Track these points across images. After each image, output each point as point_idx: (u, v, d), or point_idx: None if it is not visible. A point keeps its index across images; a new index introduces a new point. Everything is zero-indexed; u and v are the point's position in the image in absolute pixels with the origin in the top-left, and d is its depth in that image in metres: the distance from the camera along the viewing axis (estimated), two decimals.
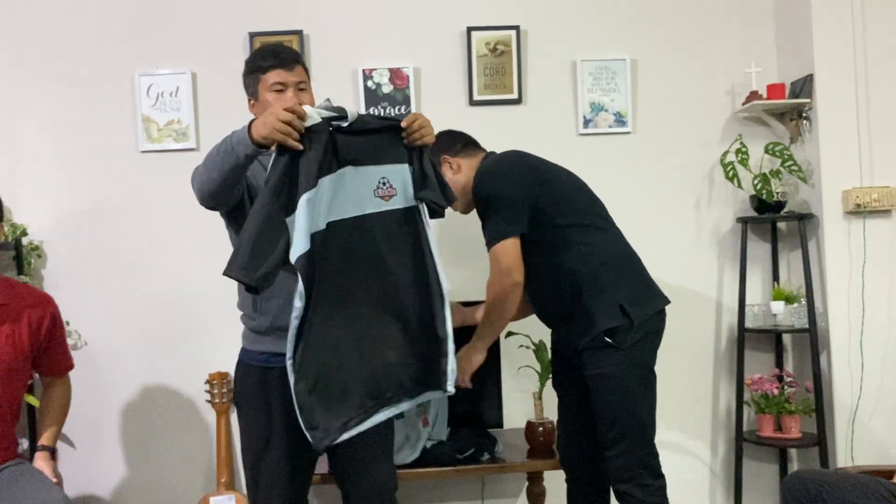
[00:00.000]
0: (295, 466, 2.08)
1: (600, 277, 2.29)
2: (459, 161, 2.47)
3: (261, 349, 2.08)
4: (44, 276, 2.98)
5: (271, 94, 2.08)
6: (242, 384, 2.13)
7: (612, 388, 2.26)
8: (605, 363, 2.26)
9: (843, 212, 2.94)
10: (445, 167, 2.45)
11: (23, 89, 2.99)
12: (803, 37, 3.00)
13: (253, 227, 1.74)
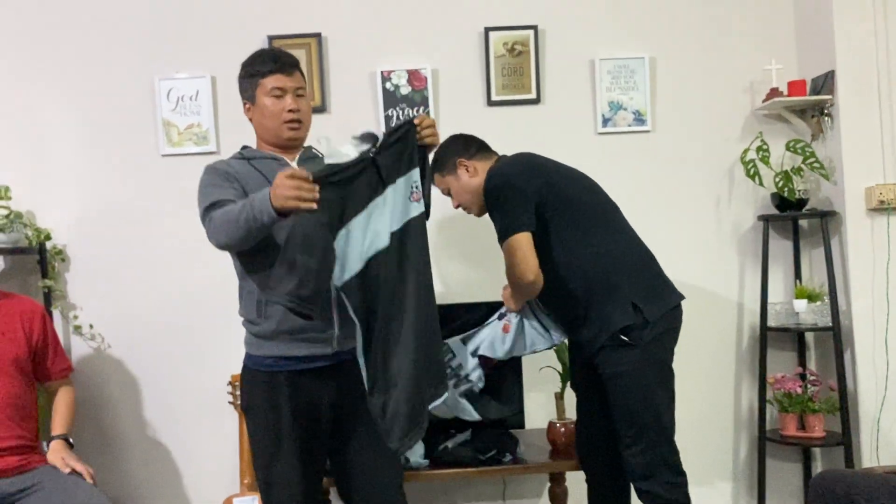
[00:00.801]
0: (306, 469, 2.08)
1: (612, 277, 2.29)
2: (475, 164, 2.47)
3: (266, 353, 2.08)
4: (67, 279, 3.01)
5: (269, 99, 2.11)
6: (250, 390, 2.13)
7: (630, 386, 2.26)
8: (622, 361, 2.25)
9: (867, 209, 2.92)
10: (461, 170, 2.46)
11: (45, 95, 3.02)
12: (824, 32, 2.97)
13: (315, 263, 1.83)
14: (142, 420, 3.04)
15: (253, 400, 2.11)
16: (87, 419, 2.99)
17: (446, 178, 2.50)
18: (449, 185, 2.51)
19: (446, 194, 2.55)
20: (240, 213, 1.88)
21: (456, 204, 2.54)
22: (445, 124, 3.06)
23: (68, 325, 2.99)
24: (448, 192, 2.54)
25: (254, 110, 2.16)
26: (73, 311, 3.00)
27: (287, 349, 2.04)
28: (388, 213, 1.97)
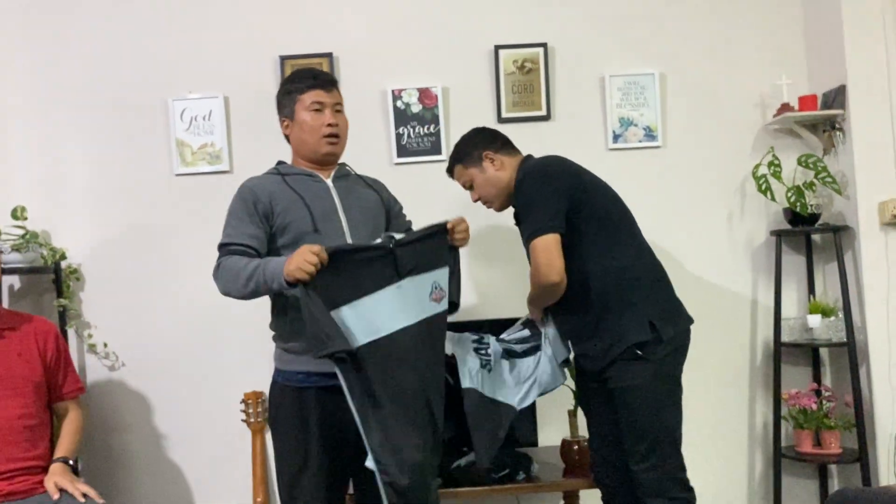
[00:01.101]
0: (330, 486, 2.10)
1: (630, 293, 2.28)
2: (502, 158, 2.44)
3: (297, 369, 2.11)
4: (82, 298, 3.03)
5: (309, 114, 2.16)
6: (279, 405, 2.16)
7: (641, 401, 2.24)
8: (634, 375, 2.24)
9: (880, 223, 2.90)
10: (487, 163, 2.44)
11: (60, 116, 3.06)
12: (835, 47, 2.97)
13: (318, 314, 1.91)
14: (154, 439, 3.05)
15: (281, 414, 2.13)
16: (99, 438, 3.01)
17: (469, 171, 2.47)
18: (472, 178, 2.47)
19: (467, 187, 2.52)
20: (251, 275, 1.99)
21: (476, 197, 2.51)
22: (456, 141, 3.08)
23: (83, 343, 3.01)
24: (469, 186, 2.50)
25: (292, 126, 2.21)
26: (88, 330, 3.02)
27: (317, 365, 2.04)
28: (398, 306, 2.01)
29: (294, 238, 2.08)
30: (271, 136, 3.04)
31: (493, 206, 2.50)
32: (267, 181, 2.18)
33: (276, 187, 2.15)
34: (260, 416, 2.93)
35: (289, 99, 2.20)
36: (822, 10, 3.05)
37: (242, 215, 2.11)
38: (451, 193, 3.04)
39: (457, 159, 2.50)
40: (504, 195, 2.44)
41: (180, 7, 3.07)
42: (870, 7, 2.92)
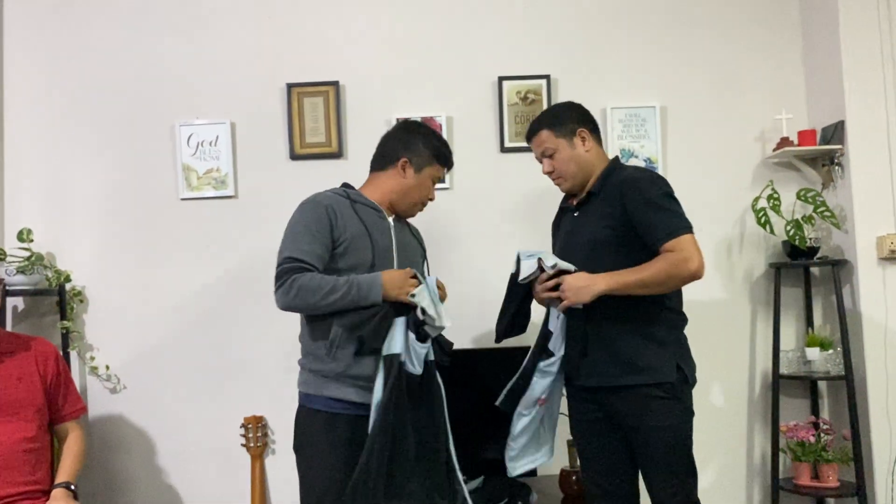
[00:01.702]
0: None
1: (671, 333, 2.28)
2: (593, 141, 2.36)
3: (328, 395, 2.13)
4: (85, 320, 3.05)
5: (428, 181, 2.33)
6: (307, 429, 2.17)
7: (675, 440, 2.22)
8: (668, 414, 2.21)
9: (878, 258, 2.93)
10: (578, 140, 2.33)
11: (66, 139, 3.09)
12: (834, 83, 3.02)
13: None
14: (154, 462, 3.05)
15: (309, 439, 2.15)
16: (99, 461, 3.01)
17: (558, 140, 2.33)
18: (557, 148, 2.33)
19: (546, 155, 2.36)
20: (345, 293, 2.06)
21: (551, 169, 2.37)
22: (459, 170, 3.11)
23: (84, 366, 3.02)
24: (549, 154, 2.36)
25: (410, 174, 2.29)
26: (90, 353, 3.03)
27: (347, 393, 2.11)
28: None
29: (349, 266, 2.14)
30: (277, 163, 3.11)
31: (565, 184, 2.38)
32: (340, 204, 2.21)
33: (347, 212, 2.20)
34: (259, 441, 2.94)
35: (426, 156, 2.30)
36: (821, 47, 3.10)
37: (316, 234, 2.13)
38: (454, 222, 3.08)
39: (548, 124, 2.35)
40: (580, 177, 2.34)
41: (188, 34, 3.12)
42: (868, 45, 2.97)
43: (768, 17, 3.21)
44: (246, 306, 3.04)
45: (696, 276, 2.15)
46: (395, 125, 2.47)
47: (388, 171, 2.31)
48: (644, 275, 2.15)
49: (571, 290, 2.16)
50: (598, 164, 2.36)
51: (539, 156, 2.40)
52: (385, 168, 2.31)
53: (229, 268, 3.07)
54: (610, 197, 2.27)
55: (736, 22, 3.20)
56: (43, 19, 3.10)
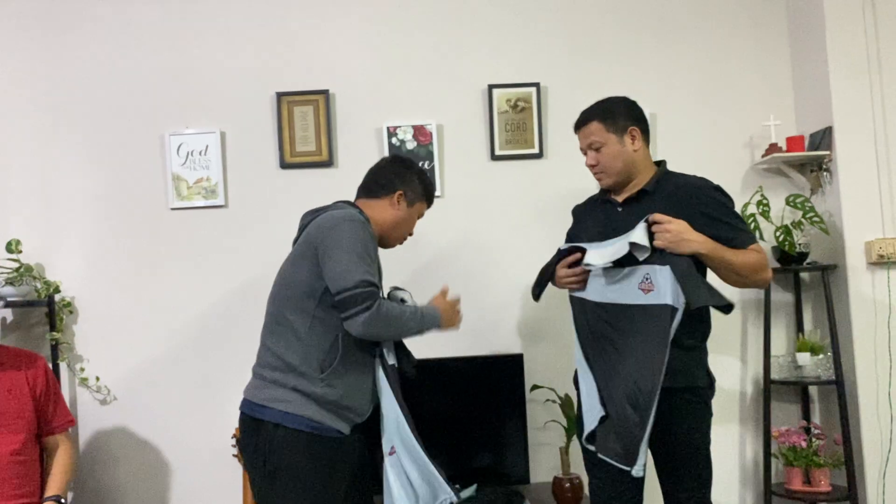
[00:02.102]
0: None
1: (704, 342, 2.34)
2: (642, 141, 2.34)
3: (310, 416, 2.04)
4: (75, 331, 3.03)
5: (414, 218, 2.37)
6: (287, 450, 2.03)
7: (701, 443, 2.27)
8: (697, 419, 2.27)
9: (867, 263, 2.94)
10: (628, 137, 2.30)
11: (56, 149, 3.08)
12: (821, 89, 3.04)
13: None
14: (145, 473, 3.03)
15: (291, 461, 2.03)
16: (89, 472, 2.99)
17: (609, 134, 2.30)
18: (606, 142, 2.30)
19: (592, 148, 2.33)
20: (416, 325, 2.15)
21: (595, 162, 2.33)
22: (450, 178, 3.13)
23: (74, 377, 3.00)
24: (595, 147, 2.32)
25: (402, 207, 2.30)
26: (80, 364, 3.01)
27: (335, 422, 2.06)
28: None
29: None
30: (267, 172, 3.11)
31: (607, 179, 2.34)
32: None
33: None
34: None
35: (419, 192, 2.33)
36: (809, 54, 3.12)
37: (373, 256, 2.12)
38: (444, 230, 3.08)
39: (601, 116, 2.32)
40: (623, 176, 2.31)
41: (178, 43, 3.12)
42: (855, 51, 2.99)
43: (756, 25, 3.23)
44: (237, 316, 3.03)
45: (765, 284, 2.29)
46: (388, 157, 2.47)
47: (382, 201, 2.29)
48: (741, 259, 2.18)
49: (674, 235, 2.09)
50: (644, 165, 2.34)
51: (585, 147, 2.37)
52: (378, 197, 2.29)
53: (220, 277, 3.06)
54: (671, 197, 2.25)
55: (724, 29, 3.22)
56: (32, 29, 3.09)
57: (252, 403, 2.11)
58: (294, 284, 2.11)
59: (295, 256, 2.18)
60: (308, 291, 2.08)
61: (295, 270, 2.13)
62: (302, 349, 2.07)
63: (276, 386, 2.08)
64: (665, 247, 2.10)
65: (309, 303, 2.07)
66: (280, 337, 2.10)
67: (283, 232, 3.06)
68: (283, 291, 2.15)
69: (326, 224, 2.11)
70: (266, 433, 2.04)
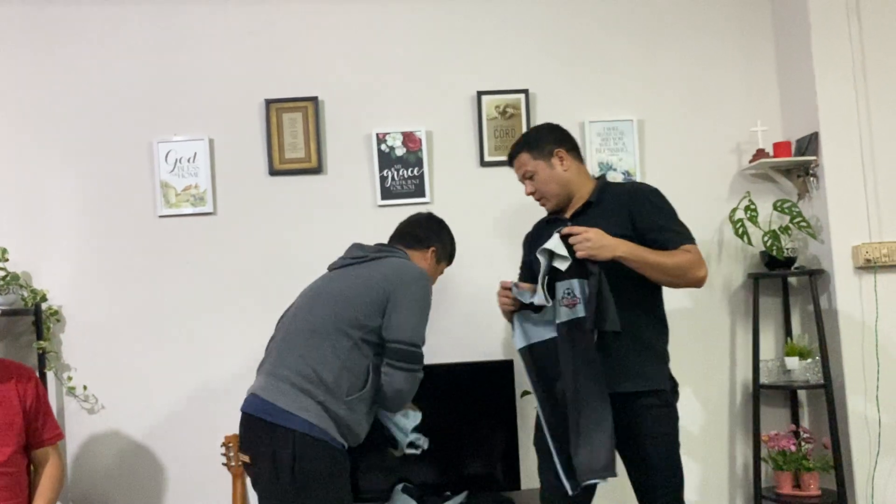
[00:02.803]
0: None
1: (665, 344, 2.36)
2: (570, 160, 2.39)
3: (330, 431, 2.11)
4: (62, 340, 3.01)
5: (439, 273, 2.58)
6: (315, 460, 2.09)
7: (671, 447, 2.28)
8: (666, 422, 2.28)
9: (854, 267, 2.96)
10: (556, 160, 2.37)
11: (43, 156, 3.06)
12: (807, 95, 3.06)
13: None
14: (133, 482, 3.01)
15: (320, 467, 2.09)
16: (77, 482, 2.97)
17: (537, 162, 2.38)
18: (536, 170, 2.38)
19: (526, 178, 2.42)
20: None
21: (532, 190, 2.42)
22: (439, 184, 3.13)
23: (62, 386, 2.98)
24: (529, 177, 2.41)
25: (432, 262, 2.51)
26: (68, 373, 2.99)
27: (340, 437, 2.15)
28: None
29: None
30: (256, 179, 3.10)
31: (547, 203, 2.43)
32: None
33: None
34: (240, 460, 2.90)
35: (448, 252, 2.58)
36: (795, 60, 3.14)
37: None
38: None
39: (526, 147, 2.41)
40: (564, 196, 2.39)
41: (166, 49, 3.11)
42: (841, 58, 3.02)
43: (742, 32, 3.26)
44: (226, 324, 3.02)
45: (700, 283, 2.28)
46: (426, 214, 2.61)
47: (416, 253, 2.47)
48: (662, 259, 2.20)
49: (594, 242, 2.13)
50: (580, 180, 2.40)
51: (520, 178, 2.46)
52: (414, 249, 2.47)
53: (209, 285, 3.05)
54: (613, 205, 2.32)
55: (711, 36, 3.25)
56: (19, 36, 3.07)
57: (274, 408, 2.11)
58: (350, 307, 2.19)
59: (358, 285, 2.24)
60: (362, 322, 2.18)
61: (355, 297, 2.21)
62: (337, 368, 2.14)
63: (305, 395, 2.11)
64: (588, 255, 2.13)
65: (357, 331, 2.17)
66: (317, 350, 2.16)
67: (272, 239, 3.08)
68: (335, 309, 2.20)
69: (407, 276, 2.26)
70: (293, 440, 2.07)
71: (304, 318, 2.23)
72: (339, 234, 3.08)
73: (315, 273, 2.44)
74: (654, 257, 2.19)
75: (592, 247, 2.13)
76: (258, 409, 2.14)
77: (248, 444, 2.18)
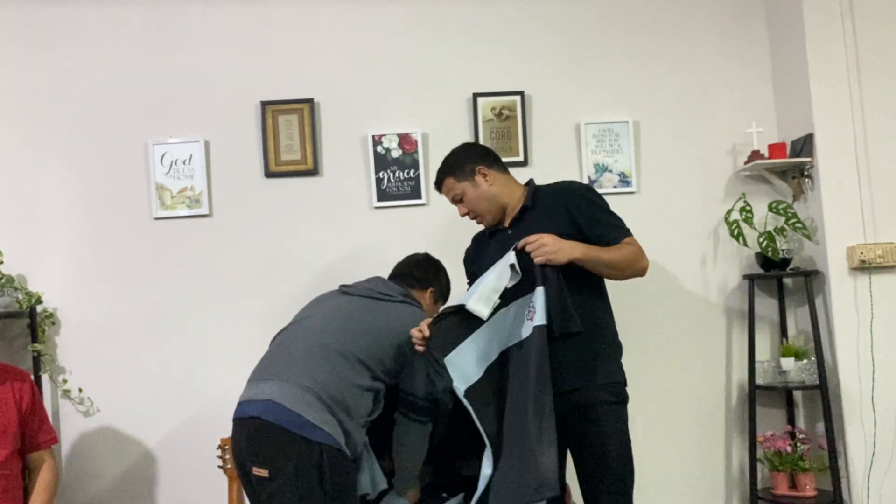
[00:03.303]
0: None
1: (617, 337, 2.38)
2: (494, 174, 2.43)
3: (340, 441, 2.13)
4: (57, 343, 3.00)
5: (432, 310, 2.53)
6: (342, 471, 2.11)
7: (624, 443, 2.28)
8: (619, 419, 2.29)
9: (849, 268, 2.97)
10: (480, 178, 2.41)
11: (38, 158, 3.05)
12: (802, 97, 3.07)
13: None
14: (129, 485, 3.00)
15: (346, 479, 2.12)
16: (73, 485, 2.96)
17: (461, 184, 2.42)
18: (464, 192, 2.42)
19: (456, 201, 2.47)
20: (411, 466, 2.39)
21: (465, 211, 2.46)
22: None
23: (57, 389, 2.97)
24: (459, 199, 2.45)
25: (429, 303, 2.55)
26: (63, 376, 2.98)
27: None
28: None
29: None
30: (252, 181, 3.10)
31: (483, 220, 2.47)
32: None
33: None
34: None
35: (444, 293, 2.61)
36: (790, 62, 3.15)
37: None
38: (430, 237, 3.08)
39: (448, 172, 2.46)
40: (496, 210, 2.43)
41: (161, 51, 3.10)
42: (835, 59, 3.03)
43: (737, 34, 3.26)
44: (222, 326, 3.02)
45: (644, 273, 2.34)
46: (425, 255, 2.66)
47: (417, 293, 2.52)
48: (613, 256, 2.26)
49: (551, 247, 2.15)
50: (508, 190, 2.45)
51: (451, 202, 2.50)
52: (416, 289, 2.52)
53: (204, 287, 3.04)
54: (550, 206, 2.36)
55: (706, 38, 3.25)
56: (14, 37, 3.06)
57: (303, 420, 2.06)
58: (378, 347, 2.25)
59: (387, 326, 2.29)
60: (386, 366, 2.26)
61: (384, 339, 2.27)
62: (357, 395, 2.19)
63: (328, 412, 2.10)
64: (547, 261, 2.15)
65: (376, 365, 2.24)
66: (347, 374, 2.19)
67: (269, 241, 3.07)
68: (366, 341, 2.25)
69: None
70: (319, 453, 2.05)
71: (337, 337, 2.23)
72: (335, 236, 3.08)
73: (311, 275, 2.46)
74: (606, 255, 2.25)
75: (550, 251, 2.15)
76: (279, 418, 2.05)
77: (266, 457, 2.07)
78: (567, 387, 2.23)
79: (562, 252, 2.17)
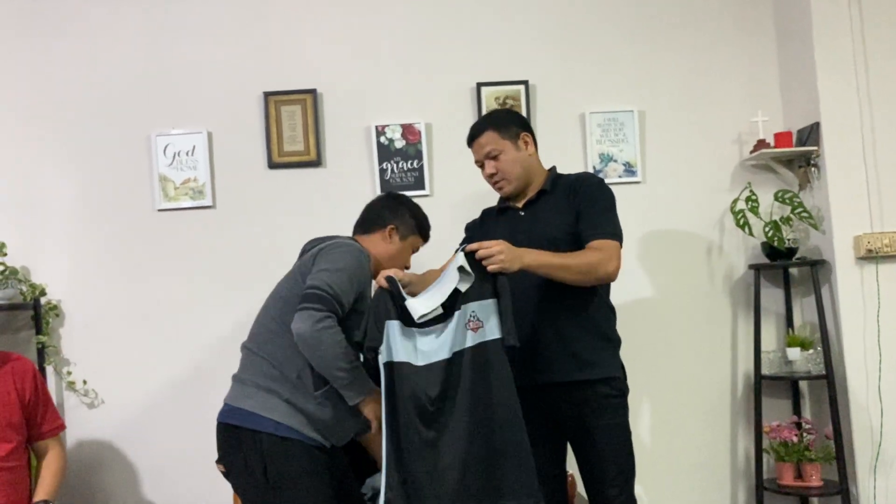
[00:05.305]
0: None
1: (609, 322, 2.37)
2: (532, 146, 2.41)
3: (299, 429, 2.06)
4: (61, 334, 3.00)
5: (410, 250, 2.40)
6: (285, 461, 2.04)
7: (624, 437, 2.29)
8: (619, 412, 2.30)
9: (856, 257, 2.95)
10: (522, 143, 2.37)
11: (41, 150, 3.05)
12: (808, 85, 3.05)
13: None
14: (134, 478, 3.00)
15: (290, 468, 2.04)
16: (78, 476, 2.96)
17: (503, 141, 2.35)
18: (503, 150, 2.34)
19: (489, 157, 2.36)
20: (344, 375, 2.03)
21: (494, 171, 2.37)
22: (439, 176, 3.12)
23: (62, 381, 2.97)
24: (492, 156, 2.36)
25: (395, 241, 2.35)
26: (67, 367, 2.98)
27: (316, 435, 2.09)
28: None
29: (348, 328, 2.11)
30: (255, 172, 3.09)
31: (508, 186, 2.39)
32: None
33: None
34: None
35: (411, 226, 2.38)
36: (796, 51, 3.13)
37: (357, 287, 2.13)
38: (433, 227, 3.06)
39: (493, 125, 2.37)
40: (524, 179, 2.39)
41: (164, 43, 3.09)
42: (841, 48, 3.00)
43: (743, 22, 3.24)
44: (225, 317, 3.01)
45: (610, 278, 2.25)
46: (380, 195, 2.55)
47: (374, 236, 2.35)
48: (567, 261, 2.18)
49: (506, 255, 2.05)
50: (539, 169, 2.45)
51: (481, 157, 2.41)
52: (370, 232, 2.36)
53: (208, 278, 3.04)
54: (562, 195, 2.35)
55: (712, 26, 3.23)
56: (15, 29, 3.05)
57: (240, 412, 2.08)
58: (296, 298, 2.07)
59: (295, 273, 2.20)
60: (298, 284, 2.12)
61: (296, 285, 2.13)
62: (300, 364, 2.06)
63: (269, 394, 2.07)
64: (501, 269, 2.05)
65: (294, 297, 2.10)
66: (278, 348, 2.10)
67: (272, 232, 3.07)
68: (283, 305, 2.13)
69: (329, 245, 2.17)
70: (260, 443, 2.04)
71: (261, 321, 2.22)
72: (338, 227, 3.03)
73: None
74: (558, 260, 2.16)
75: (505, 260, 2.05)
76: (225, 416, 2.13)
77: (221, 454, 2.16)
78: (560, 378, 2.24)
79: (515, 260, 2.07)
